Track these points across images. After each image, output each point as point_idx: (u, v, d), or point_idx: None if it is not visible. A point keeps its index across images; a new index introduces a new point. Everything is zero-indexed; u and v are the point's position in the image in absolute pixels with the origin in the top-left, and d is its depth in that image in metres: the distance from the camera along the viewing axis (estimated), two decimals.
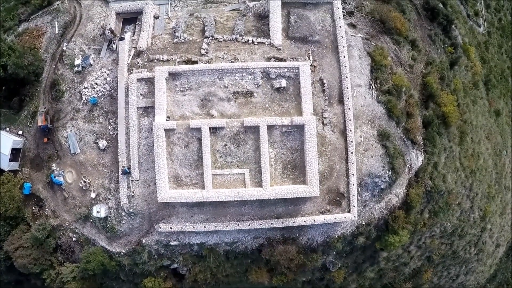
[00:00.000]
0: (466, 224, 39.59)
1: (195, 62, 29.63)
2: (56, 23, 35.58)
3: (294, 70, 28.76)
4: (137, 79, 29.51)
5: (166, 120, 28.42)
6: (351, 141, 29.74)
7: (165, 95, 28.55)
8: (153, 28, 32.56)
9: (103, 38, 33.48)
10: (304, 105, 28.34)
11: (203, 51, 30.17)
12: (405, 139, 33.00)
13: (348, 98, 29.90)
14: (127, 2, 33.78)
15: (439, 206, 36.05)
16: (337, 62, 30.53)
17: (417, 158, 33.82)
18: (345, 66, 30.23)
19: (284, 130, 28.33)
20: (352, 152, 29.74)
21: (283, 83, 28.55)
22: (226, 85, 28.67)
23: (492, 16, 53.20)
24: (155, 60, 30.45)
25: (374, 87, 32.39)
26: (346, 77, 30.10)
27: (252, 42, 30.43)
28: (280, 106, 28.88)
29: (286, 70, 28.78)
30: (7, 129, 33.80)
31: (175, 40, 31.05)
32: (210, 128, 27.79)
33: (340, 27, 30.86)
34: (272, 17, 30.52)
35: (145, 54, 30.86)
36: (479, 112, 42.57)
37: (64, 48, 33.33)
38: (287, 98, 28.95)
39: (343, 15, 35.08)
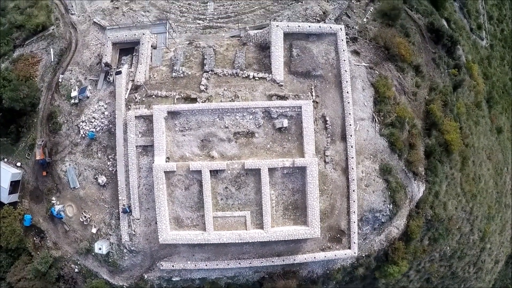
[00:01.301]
0: (466, 246, 39.51)
1: (195, 100, 28.54)
2: (51, 50, 34.12)
3: (296, 110, 27.68)
4: (135, 117, 28.48)
5: (166, 161, 27.69)
6: (353, 179, 29.06)
7: (164, 135, 27.64)
8: (151, 58, 31.15)
9: (99, 67, 32.17)
10: (306, 146, 27.49)
11: (202, 87, 29.01)
12: (407, 171, 32.31)
13: (351, 136, 28.99)
14: (123, 31, 32.35)
15: (439, 233, 35.80)
16: (340, 98, 29.42)
17: (418, 189, 33.25)
18: (349, 102, 29.14)
19: (286, 171, 27.57)
20: (353, 190, 29.11)
21: (285, 123, 27.57)
22: (226, 126, 27.71)
23: (494, 28, 51.97)
24: (154, 96, 29.32)
25: (377, 120, 31.43)
26: (349, 113, 29.07)
27: (253, 77, 29.16)
28: (282, 146, 27.99)
29: (288, 109, 27.71)
30: (5, 159, 32.98)
31: (174, 74, 29.79)
32: (210, 171, 27.16)
33: (344, 60, 29.56)
34: (273, 50, 29.18)
35: (143, 89, 29.71)
36: (481, 133, 41.73)
37: (60, 80, 32.06)
38: (289, 138, 28.04)
39: (347, 41, 33.88)
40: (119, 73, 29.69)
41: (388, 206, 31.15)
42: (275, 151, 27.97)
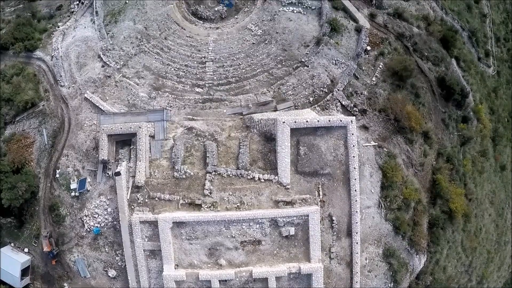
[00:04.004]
0: None
1: (199, 206, 27.38)
2: (44, 130, 31.77)
3: (303, 217, 26.92)
4: (140, 221, 27.75)
5: (175, 268, 27.49)
6: (357, 272, 29.09)
7: (171, 244, 26.99)
8: (150, 149, 29.36)
9: (96, 153, 30.34)
10: (312, 252, 27.10)
11: (206, 191, 27.62)
12: (409, 249, 32.35)
13: (357, 233, 28.56)
14: (118, 117, 29.77)
15: None
16: (347, 196, 28.22)
17: (419, 262, 33.52)
18: (356, 201, 28.12)
19: (292, 276, 27.58)
20: (357, 282, 29.44)
21: (292, 231, 26.84)
22: (233, 235, 26.89)
23: (501, 49, 49.33)
24: (156, 198, 28.11)
25: (383, 206, 30.64)
26: (356, 212, 28.18)
27: (259, 179, 27.69)
28: (288, 251, 27.52)
29: (295, 218, 26.88)
30: (12, 244, 32.61)
31: (176, 174, 28.12)
32: (219, 280, 27.09)
33: (354, 157, 27.79)
34: (279, 151, 27.32)
35: (145, 190, 28.38)
36: (485, 180, 40.95)
37: (58, 175, 30.36)
38: (295, 243, 27.43)
39: (355, 115, 31.83)
40: (118, 174, 28.00)
41: (389, 285, 31.79)
42: (281, 256, 27.65)
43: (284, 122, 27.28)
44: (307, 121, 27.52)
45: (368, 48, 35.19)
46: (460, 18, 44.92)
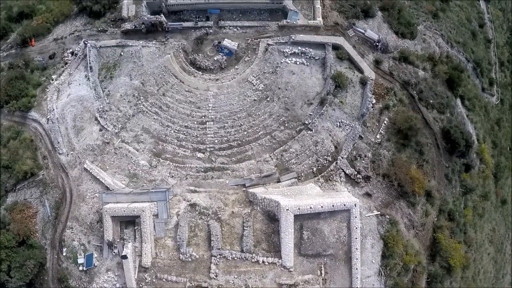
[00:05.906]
0: None
1: None
2: (46, 201, 31.09)
3: None
4: None
5: None
6: None
7: None
8: (154, 228, 28.93)
9: (100, 226, 29.97)
10: None
11: (212, 275, 27.63)
12: None
13: None
14: (120, 196, 28.99)
15: None
16: (349, 273, 28.17)
17: None
18: (357, 278, 28.26)
19: None
20: None
21: None
22: None
23: (505, 74, 48.13)
24: (164, 279, 28.12)
25: (383, 274, 30.95)
26: (357, 287, 28.66)
27: (263, 262, 27.56)
28: None
29: None
30: None
31: (181, 256, 27.93)
32: None
33: (356, 238, 27.52)
34: (283, 236, 26.91)
35: (152, 271, 28.32)
36: (485, 221, 41.02)
37: (64, 253, 30.04)
38: None
39: (358, 182, 31.19)
40: (124, 257, 27.81)
41: None
42: None
43: (288, 210, 26.65)
44: (310, 207, 26.88)
45: (373, 101, 33.70)
46: (465, 49, 42.98)
